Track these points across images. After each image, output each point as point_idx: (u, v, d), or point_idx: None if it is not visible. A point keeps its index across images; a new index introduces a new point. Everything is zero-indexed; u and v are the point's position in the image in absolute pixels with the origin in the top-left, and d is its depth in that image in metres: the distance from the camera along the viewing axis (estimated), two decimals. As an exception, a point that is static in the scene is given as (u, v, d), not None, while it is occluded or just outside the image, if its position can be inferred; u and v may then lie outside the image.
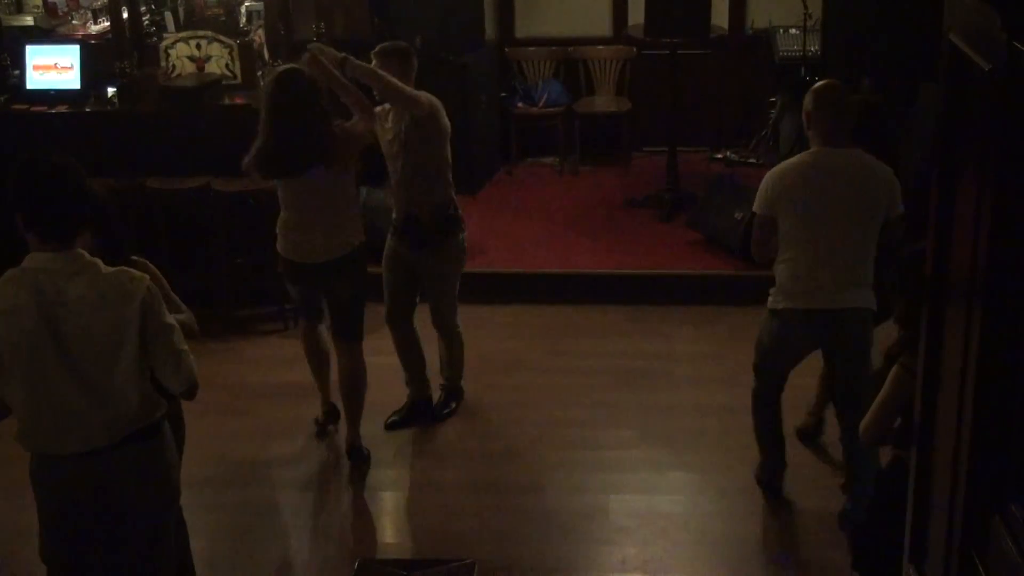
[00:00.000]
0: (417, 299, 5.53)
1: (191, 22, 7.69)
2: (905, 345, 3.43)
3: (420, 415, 5.57)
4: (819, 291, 4.43)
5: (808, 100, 4.46)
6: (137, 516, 3.39)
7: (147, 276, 3.32)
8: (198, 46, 6.86)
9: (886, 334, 3.59)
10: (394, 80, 4.93)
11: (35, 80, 6.84)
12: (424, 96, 5.02)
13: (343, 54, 4.97)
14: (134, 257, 3.79)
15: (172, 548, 3.55)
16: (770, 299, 4.63)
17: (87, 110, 6.77)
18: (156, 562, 3.47)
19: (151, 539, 3.44)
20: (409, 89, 5.02)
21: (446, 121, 5.12)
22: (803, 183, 4.41)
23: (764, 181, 4.53)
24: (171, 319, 3.32)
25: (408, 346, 5.53)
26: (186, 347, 3.33)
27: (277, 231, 5.07)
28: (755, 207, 4.57)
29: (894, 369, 3.42)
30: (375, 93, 5.14)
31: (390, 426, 5.55)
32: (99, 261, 3.28)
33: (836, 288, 4.42)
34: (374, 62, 5.13)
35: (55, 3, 7.87)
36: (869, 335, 4.44)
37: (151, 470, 3.39)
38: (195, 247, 6.65)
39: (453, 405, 5.65)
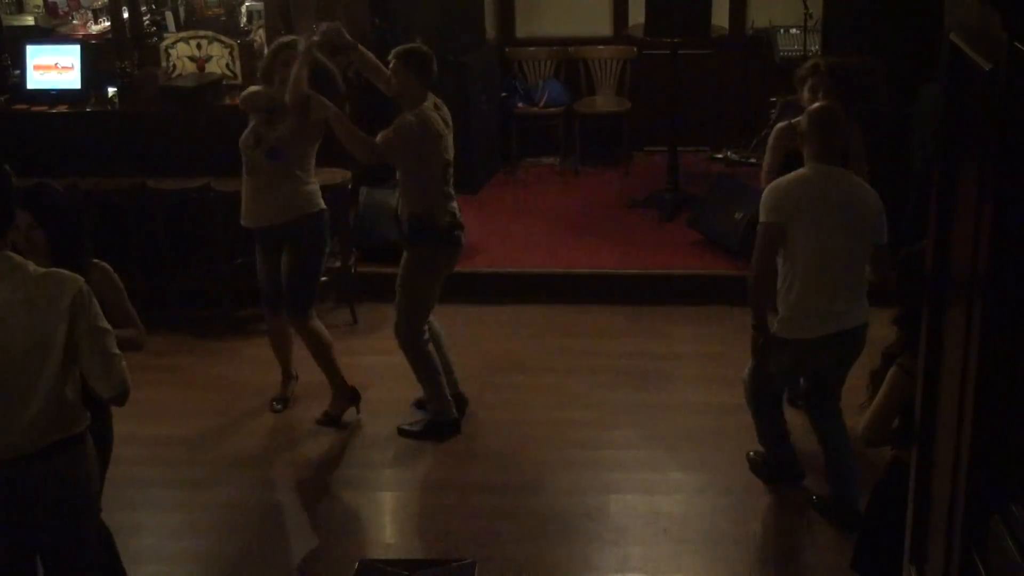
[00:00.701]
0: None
1: (191, 22, 7.68)
2: (903, 346, 3.43)
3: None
4: (831, 316, 4.42)
5: (804, 121, 4.51)
6: (54, 528, 3.35)
7: (80, 279, 3.23)
8: (198, 46, 6.86)
9: (885, 334, 3.59)
10: (350, 128, 5.12)
11: (36, 80, 6.84)
12: (383, 141, 5.10)
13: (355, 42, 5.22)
14: (95, 260, 3.76)
15: (95, 559, 3.52)
16: (777, 326, 4.55)
17: (87, 110, 6.77)
18: (81, 573, 3.45)
19: (72, 550, 3.41)
20: (362, 137, 5.14)
21: (420, 144, 5.10)
22: (810, 196, 4.41)
23: (770, 192, 4.51)
24: (104, 323, 3.24)
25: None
26: (118, 352, 3.27)
27: None
28: (763, 217, 4.50)
29: (892, 370, 3.42)
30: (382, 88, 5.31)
31: (402, 433, 5.52)
32: (29, 263, 3.21)
33: (846, 309, 4.43)
34: (392, 64, 5.20)
35: (56, 3, 7.87)
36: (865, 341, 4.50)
37: (71, 481, 3.33)
38: (195, 247, 6.65)
39: (416, 428, 5.49)
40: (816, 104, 4.68)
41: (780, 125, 5.06)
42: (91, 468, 3.42)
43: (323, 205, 5.40)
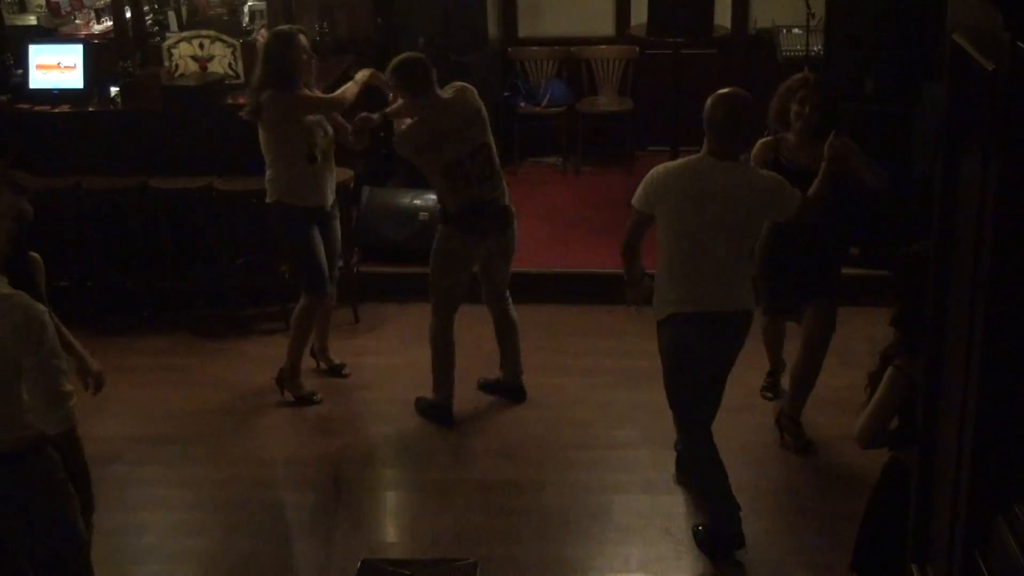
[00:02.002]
0: (487, 286, 5.75)
1: (194, 22, 7.68)
2: (900, 347, 3.43)
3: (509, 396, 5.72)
4: (696, 297, 4.41)
5: (708, 105, 4.41)
6: (22, 544, 3.38)
7: (40, 307, 3.18)
8: (201, 46, 6.86)
9: (883, 335, 3.58)
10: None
11: (38, 79, 6.84)
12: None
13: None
14: (32, 253, 3.70)
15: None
16: (655, 311, 4.55)
17: (90, 109, 6.76)
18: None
19: (51, 568, 3.43)
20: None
21: (414, 155, 5.34)
22: (681, 188, 4.39)
23: (649, 177, 4.47)
24: (55, 359, 3.17)
25: (497, 329, 5.74)
26: (69, 390, 3.22)
27: None
28: (634, 201, 4.50)
29: (889, 371, 3.42)
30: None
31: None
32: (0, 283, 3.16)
33: (714, 292, 4.42)
34: (392, 80, 5.31)
35: (58, 2, 7.86)
36: (745, 336, 4.54)
37: (16, 498, 3.32)
38: (198, 247, 6.65)
39: (423, 404, 5.61)
40: (721, 91, 4.53)
41: (763, 140, 5.03)
42: (38, 487, 3.35)
43: None
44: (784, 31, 8.12)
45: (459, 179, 5.28)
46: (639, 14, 8.42)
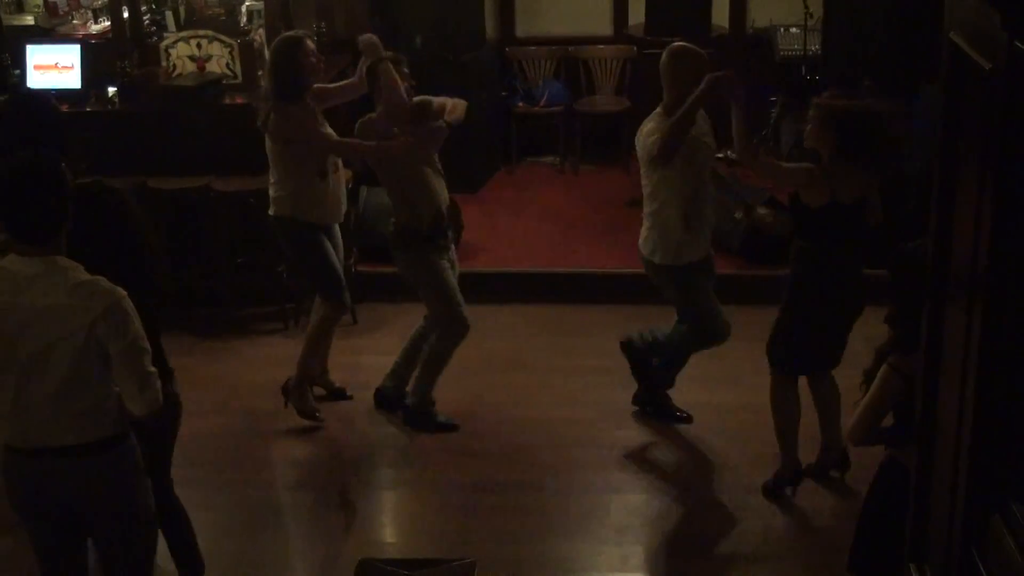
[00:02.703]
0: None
1: (192, 22, 7.68)
2: (895, 345, 3.43)
3: None
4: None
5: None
6: (101, 531, 3.42)
7: (117, 291, 3.20)
8: (199, 46, 6.86)
9: (878, 333, 3.59)
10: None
11: (36, 79, 6.84)
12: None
13: (391, 55, 5.30)
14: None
15: (143, 553, 3.55)
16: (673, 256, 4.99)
17: (88, 109, 6.76)
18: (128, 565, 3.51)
19: (121, 552, 3.47)
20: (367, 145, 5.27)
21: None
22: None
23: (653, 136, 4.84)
24: (140, 341, 3.22)
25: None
26: (153, 370, 3.26)
27: None
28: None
29: (883, 369, 3.42)
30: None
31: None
32: (73, 268, 3.21)
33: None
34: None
35: (56, 2, 7.86)
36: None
37: (102, 486, 3.36)
38: (196, 247, 6.64)
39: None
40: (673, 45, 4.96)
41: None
42: (127, 477, 3.41)
43: None
44: (782, 30, 8.12)
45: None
46: (637, 14, 8.42)
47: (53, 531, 3.44)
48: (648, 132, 4.91)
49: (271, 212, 5.44)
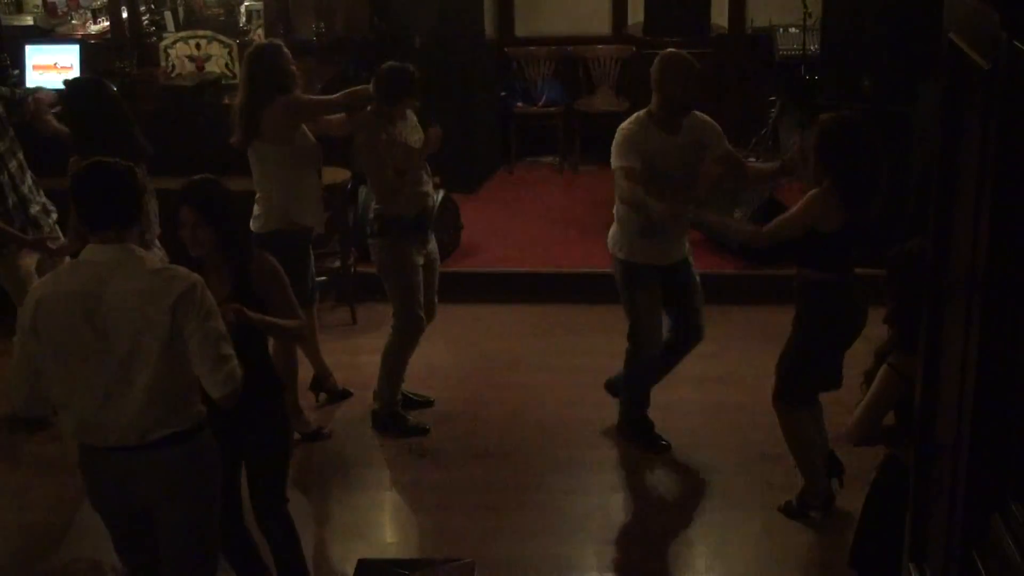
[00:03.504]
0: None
1: (191, 22, 7.69)
2: (894, 344, 3.43)
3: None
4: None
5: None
6: (171, 517, 3.44)
7: (193, 276, 3.28)
8: (198, 46, 6.86)
9: (878, 333, 3.59)
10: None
11: (35, 79, 6.84)
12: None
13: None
14: (263, 255, 3.85)
15: (212, 552, 3.58)
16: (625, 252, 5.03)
17: (87, 110, 6.75)
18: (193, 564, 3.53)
19: (186, 540, 3.48)
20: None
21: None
22: (653, 151, 4.84)
23: (619, 137, 4.89)
24: (216, 323, 3.27)
25: None
26: (229, 352, 3.29)
27: None
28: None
29: (883, 369, 3.42)
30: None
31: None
32: (149, 255, 3.34)
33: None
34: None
35: (55, 3, 7.86)
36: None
37: (183, 476, 3.39)
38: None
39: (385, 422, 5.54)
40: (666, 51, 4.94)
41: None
42: (203, 466, 3.44)
43: None
44: (781, 30, 8.12)
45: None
46: (636, 13, 8.42)
47: (131, 525, 3.47)
48: (619, 144, 4.90)
49: (260, 228, 5.18)
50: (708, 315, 5.41)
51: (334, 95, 5.38)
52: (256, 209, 5.24)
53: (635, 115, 4.93)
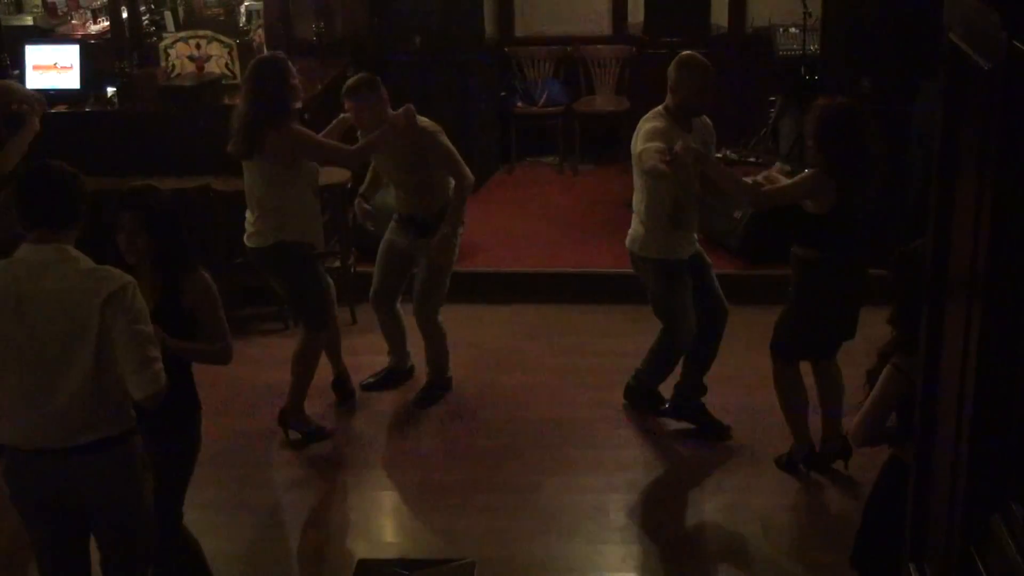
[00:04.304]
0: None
1: (191, 22, 7.68)
2: (897, 345, 3.43)
3: (396, 383, 5.81)
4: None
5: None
6: (99, 522, 3.44)
7: (126, 277, 3.28)
8: (198, 46, 6.86)
9: (881, 334, 3.59)
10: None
11: (35, 80, 6.83)
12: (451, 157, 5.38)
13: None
14: (198, 270, 3.81)
15: (146, 555, 3.57)
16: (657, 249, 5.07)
17: (87, 110, 6.77)
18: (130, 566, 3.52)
19: (119, 545, 3.48)
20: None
21: None
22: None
23: (642, 129, 4.94)
24: (144, 326, 3.26)
25: (392, 323, 5.79)
26: (155, 355, 3.28)
27: None
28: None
29: (886, 369, 3.43)
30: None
31: (366, 387, 5.81)
32: (83, 257, 3.30)
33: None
34: (350, 101, 5.27)
35: (55, 3, 7.86)
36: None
37: (112, 481, 3.38)
38: (195, 247, 6.63)
39: (439, 394, 5.71)
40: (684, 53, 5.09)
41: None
42: (135, 470, 3.44)
43: None
44: (781, 30, 8.13)
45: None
46: (636, 13, 8.42)
47: (56, 529, 3.45)
48: (645, 134, 4.90)
49: (258, 244, 5.20)
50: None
51: (351, 149, 5.32)
52: (252, 226, 5.23)
53: (654, 111, 5.03)
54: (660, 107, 5.01)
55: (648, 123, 4.97)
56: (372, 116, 5.23)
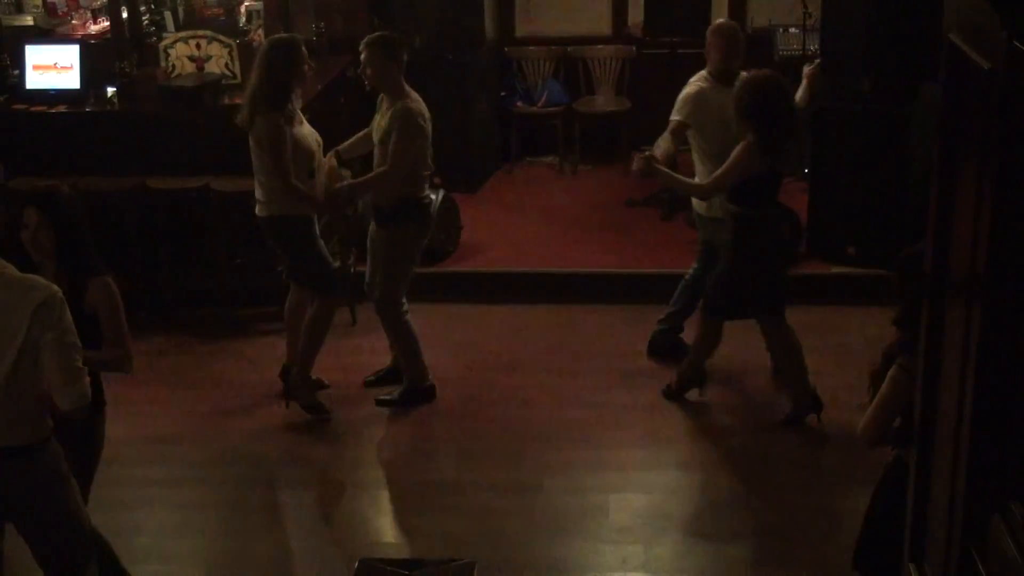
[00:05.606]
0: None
1: (191, 22, 7.68)
2: (903, 346, 3.43)
3: (398, 379, 5.75)
4: None
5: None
6: (26, 527, 3.43)
7: (53, 288, 3.26)
8: (198, 46, 6.86)
9: (885, 335, 3.59)
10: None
11: (35, 80, 6.84)
12: (398, 158, 5.29)
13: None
14: (101, 275, 3.75)
15: (68, 555, 3.55)
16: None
17: (87, 110, 6.76)
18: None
19: (41, 545, 3.47)
20: (382, 178, 5.38)
21: (421, 134, 5.35)
22: (713, 103, 5.43)
23: (685, 93, 5.55)
24: (71, 337, 3.26)
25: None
26: (82, 367, 3.29)
27: None
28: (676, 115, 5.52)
29: (892, 370, 3.43)
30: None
31: (368, 383, 5.81)
32: (6, 265, 3.26)
33: None
34: (364, 54, 5.32)
35: (55, 3, 7.86)
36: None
37: (27, 489, 3.38)
38: (195, 247, 6.64)
39: (393, 397, 5.68)
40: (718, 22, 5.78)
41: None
42: (47, 479, 3.42)
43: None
44: (781, 30, 8.12)
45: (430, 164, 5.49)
46: (636, 13, 8.42)
47: None
48: (677, 101, 5.60)
49: (261, 213, 5.37)
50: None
51: (290, 178, 5.23)
52: (256, 195, 5.39)
53: (698, 74, 5.66)
54: (704, 71, 5.61)
55: (686, 87, 5.60)
56: (375, 74, 5.31)
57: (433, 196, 5.69)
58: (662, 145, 5.53)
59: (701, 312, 5.45)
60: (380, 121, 5.38)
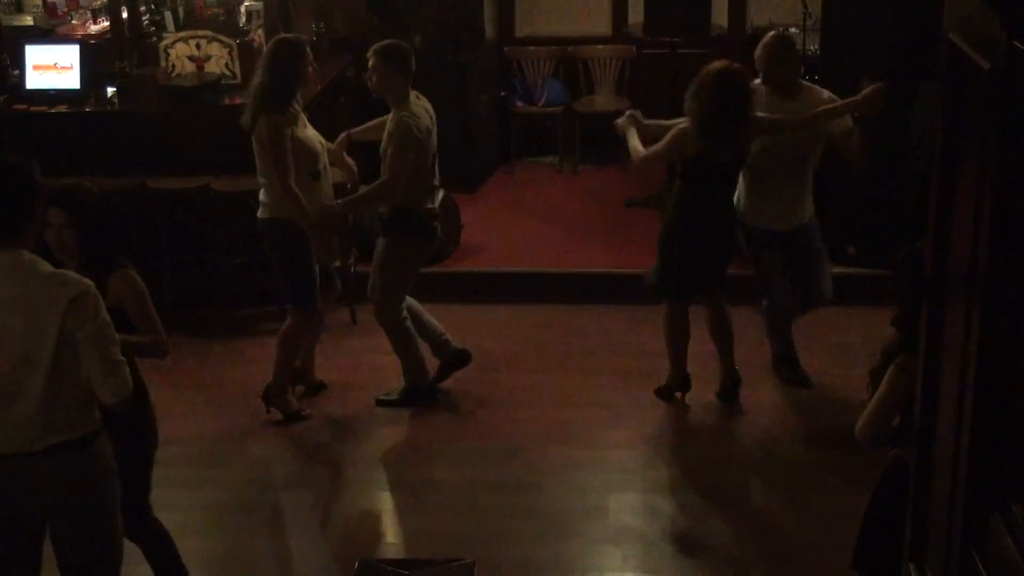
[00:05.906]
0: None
1: (191, 22, 7.67)
2: (902, 346, 3.43)
3: (450, 369, 5.78)
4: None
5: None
6: (61, 526, 3.40)
7: (86, 282, 3.25)
8: (198, 46, 6.86)
9: (879, 334, 3.59)
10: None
11: (35, 80, 6.84)
12: (394, 169, 5.29)
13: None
14: (125, 268, 3.77)
15: (109, 559, 3.53)
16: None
17: (87, 110, 6.77)
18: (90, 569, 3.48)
19: (82, 550, 3.43)
20: (379, 191, 5.38)
21: (416, 144, 5.31)
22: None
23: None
24: (109, 330, 3.26)
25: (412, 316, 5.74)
26: (122, 359, 3.29)
27: None
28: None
29: (891, 369, 3.43)
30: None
31: (434, 381, 5.75)
32: (40, 261, 3.26)
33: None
34: (371, 61, 5.30)
35: (55, 3, 7.86)
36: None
37: (77, 485, 3.36)
38: (195, 247, 6.64)
39: (393, 397, 5.69)
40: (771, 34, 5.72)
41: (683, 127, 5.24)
42: (99, 474, 3.41)
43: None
44: (781, 30, 8.11)
45: (435, 176, 5.45)
46: (636, 13, 8.41)
47: (15, 538, 3.40)
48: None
49: (262, 215, 5.35)
50: (703, 315, 5.46)
51: (288, 182, 5.21)
52: (260, 196, 5.38)
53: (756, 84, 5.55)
54: (758, 80, 5.58)
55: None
56: (379, 82, 5.31)
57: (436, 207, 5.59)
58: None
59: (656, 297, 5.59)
60: (387, 128, 5.36)
